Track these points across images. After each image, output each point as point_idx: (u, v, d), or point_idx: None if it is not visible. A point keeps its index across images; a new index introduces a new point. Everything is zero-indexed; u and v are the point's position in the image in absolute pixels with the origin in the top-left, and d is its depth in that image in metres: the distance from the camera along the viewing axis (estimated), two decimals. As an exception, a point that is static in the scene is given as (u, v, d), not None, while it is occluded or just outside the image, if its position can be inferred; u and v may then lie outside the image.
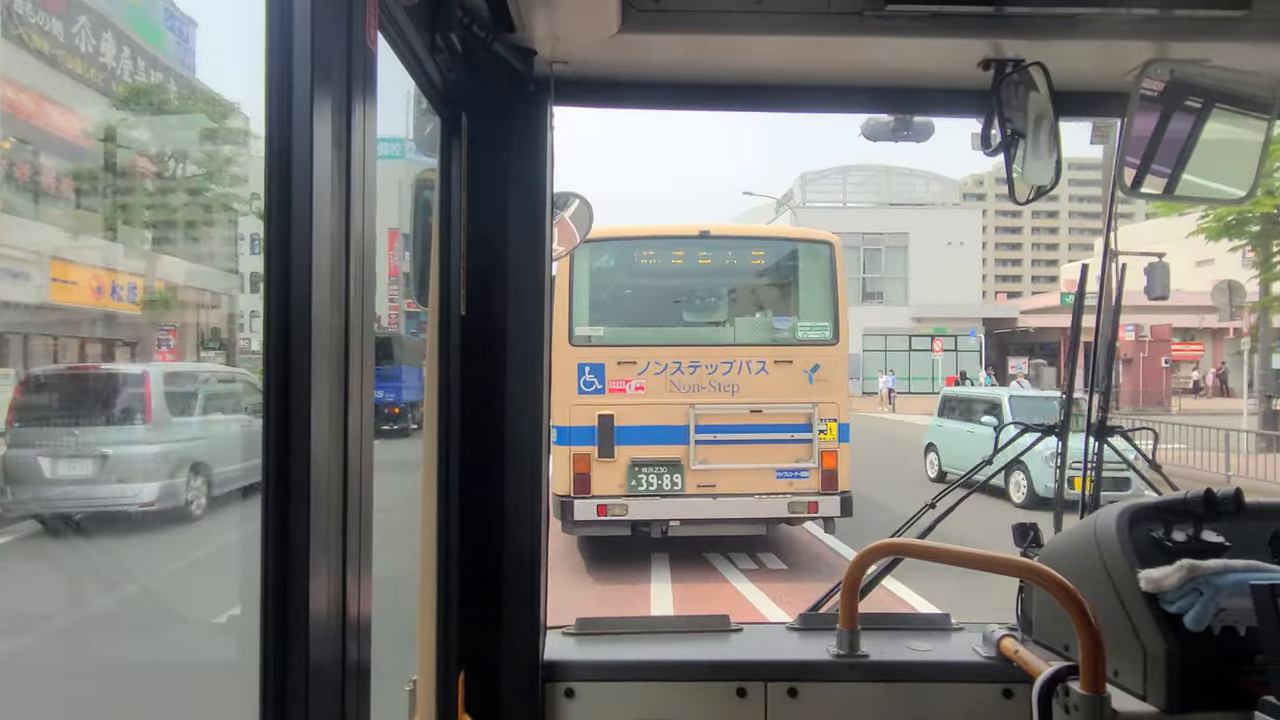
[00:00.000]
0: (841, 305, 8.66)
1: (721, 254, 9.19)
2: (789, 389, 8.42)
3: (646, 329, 8.87)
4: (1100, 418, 2.36)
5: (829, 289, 8.75)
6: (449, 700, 1.68)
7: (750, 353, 8.56)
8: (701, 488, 8.33)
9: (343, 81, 0.94)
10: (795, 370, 8.47)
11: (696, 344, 8.64)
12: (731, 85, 1.94)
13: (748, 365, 8.50)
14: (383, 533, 1.09)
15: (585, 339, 8.45)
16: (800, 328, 8.79)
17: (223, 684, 4.08)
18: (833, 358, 8.58)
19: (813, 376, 8.45)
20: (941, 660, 1.92)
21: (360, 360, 0.98)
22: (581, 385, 8.31)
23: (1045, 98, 1.65)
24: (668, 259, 9.09)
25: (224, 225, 15.68)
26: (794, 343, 8.70)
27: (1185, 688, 1.51)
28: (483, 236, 1.75)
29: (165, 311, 12.91)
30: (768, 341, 8.78)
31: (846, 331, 8.67)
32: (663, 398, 8.37)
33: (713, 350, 8.55)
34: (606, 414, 8.30)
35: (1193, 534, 1.65)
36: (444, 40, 1.43)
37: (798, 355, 8.54)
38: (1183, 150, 1.76)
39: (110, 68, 13.27)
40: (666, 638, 2.06)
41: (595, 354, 8.38)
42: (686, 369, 8.43)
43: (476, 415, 1.76)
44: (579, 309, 8.47)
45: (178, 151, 13.28)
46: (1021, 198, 1.76)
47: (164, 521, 7.23)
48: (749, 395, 8.40)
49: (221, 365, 12.60)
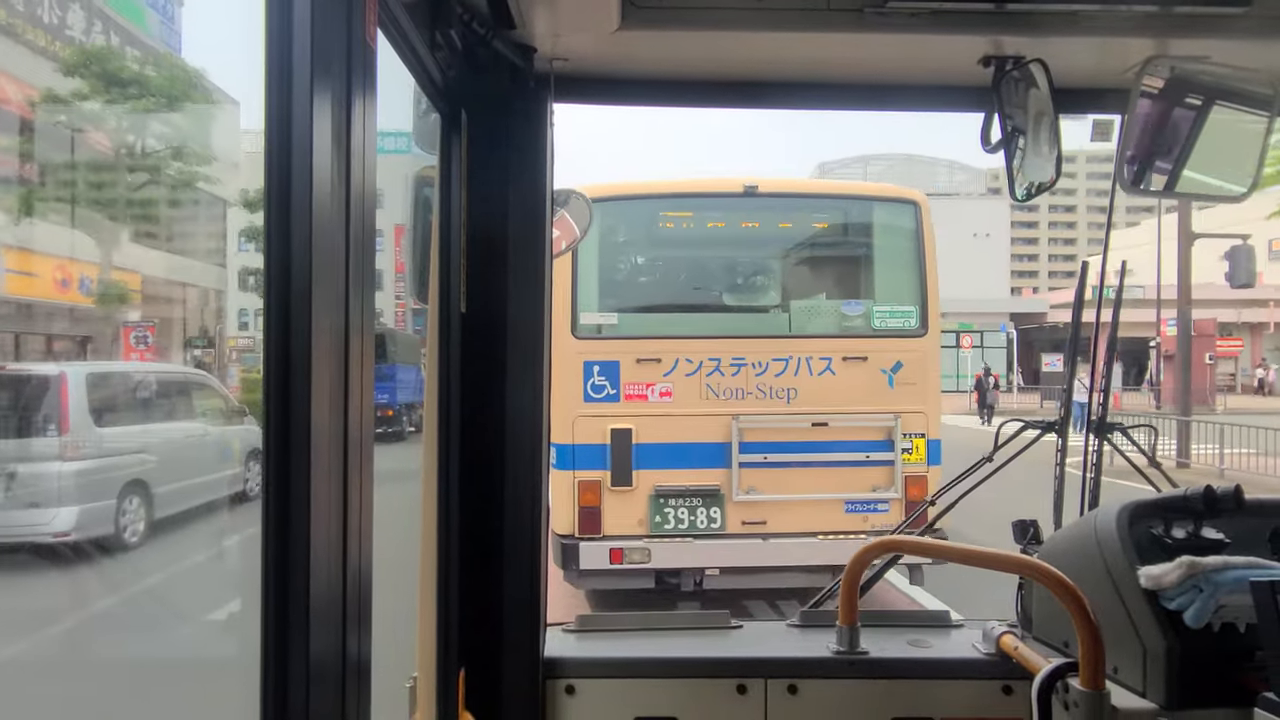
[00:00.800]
0: (932, 285, 6.63)
1: (773, 218, 6.99)
2: (863, 395, 6.46)
3: (675, 316, 6.83)
4: (1100, 414, 2.36)
5: (915, 262, 6.66)
6: (449, 697, 1.68)
7: (812, 346, 6.51)
8: (748, 525, 6.33)
9: (343, 78, 0.94)
10: (871, 370, 6.49)
11: (740, 335, 6.60)
12: (732, 82, 1.95)
13: (808, 363, 6.47)
14: (382, 544, 1.09)
15: (594, 329, 6.46)
16: (877, 314, 6.67)
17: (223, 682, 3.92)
18: (920, 353, 6.57)
19: (894, 378, 6.48)
20: (941, 657, 1.92)
21: (361, 356, 0.99)
22: (589, 390, 6.32)
23: (1045, 94, 1.66)
24: (703, 224, 7.01)
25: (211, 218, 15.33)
26: (869, 334, 6.62)
27: (1185, 684, 1.52)
28: (483, 233, 1.76)
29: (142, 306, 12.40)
30: (834, 332, 6.64)
31: (938, 319, 6.72)
32: (697, 407, 6.38)
33: (762, 344, 6.52)
34: (622, 428, 6.31)
35: (1193, 531, 1.66)
36: (444, 37, 1.44)
37: (874, 350, 6.53)
38: (1184, 147, 1.77)
39: (79, 43, 12.48)
40: (667, 634, 2.07)
41: (607, 349, 6.40)
42: (727, 368, 6.42)
43: (476, 413, 1.77)
44: (585, 290, 6.44)
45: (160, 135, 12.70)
46: (1022, 195, 1.77)
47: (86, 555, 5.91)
48: (810, 403, 6.41)
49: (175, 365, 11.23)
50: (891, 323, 6.68)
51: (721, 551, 6.36)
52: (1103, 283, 2.39)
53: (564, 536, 6.24)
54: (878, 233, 7.05)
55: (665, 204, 6.90)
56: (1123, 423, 2.40)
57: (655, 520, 6.29)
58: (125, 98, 11.63)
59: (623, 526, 6.28)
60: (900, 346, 6.60)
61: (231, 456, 8.01)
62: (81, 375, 6.86)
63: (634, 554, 6.23)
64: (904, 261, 6.79)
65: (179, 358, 13.22)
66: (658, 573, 6.37)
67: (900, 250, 6.85)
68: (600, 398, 6.36)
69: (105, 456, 6.48)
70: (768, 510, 6.39)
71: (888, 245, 6.98)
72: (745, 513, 6.35)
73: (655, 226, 6.99)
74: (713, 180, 7.01)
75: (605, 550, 6.24)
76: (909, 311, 6.69)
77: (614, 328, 6.53)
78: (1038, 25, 1.65)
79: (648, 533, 6.27)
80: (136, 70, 12.29)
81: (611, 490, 6.28)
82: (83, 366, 8.43)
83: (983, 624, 2.00)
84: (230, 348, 15.21)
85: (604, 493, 6.27)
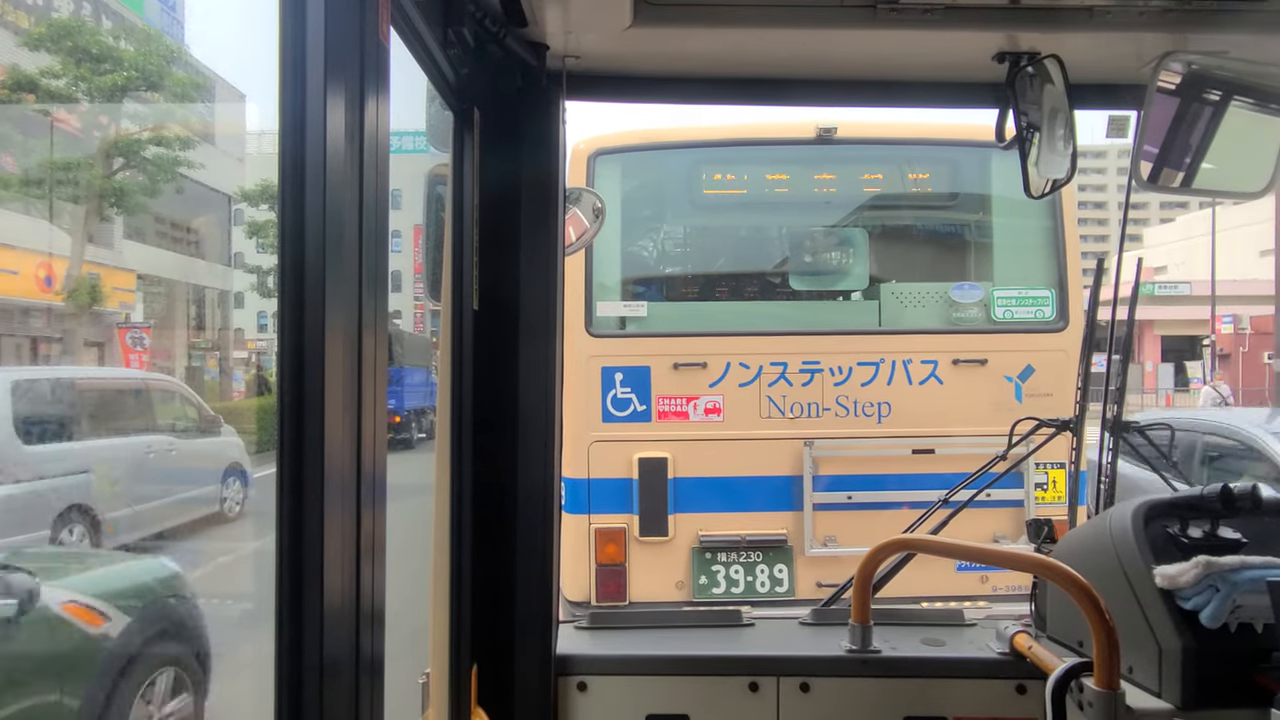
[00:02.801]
0: (1073, 260, 4.94)
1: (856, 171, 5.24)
2: (981, 411, 4.75)
3: (724, 305, 5.13)
4: (1115, 413, 2.35)
5: (1050, 231, 4.98)
6: (462, 693, 1.70)
7: (910, 345, 4.88)
8: (825, 589, 4.39)
9: (356, 77, 0.95)
10: (992, 376, 4.84)
11: (813, 331, 4.98)
12: (744, 79, 1.96)
13: (905, 368, 4.85)
14: (395, 541, 1.09)
15: (616, 324, 4.91)
16: (1000, 301, 4.95)
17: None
18: (1059, 353, 4.80)
19: (1022, 388, 4.82)
20: (954, 656, 1.92)
21: (374, 355, 1.00)
22: (610, 406, 4.77)
23: (1061, 90, 1.66)
24: (761, 183, 5.28)
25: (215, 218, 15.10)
26: (988, 328, 4.92)
27: (1200, 684, 1.51)
28: (495, 230, 1.77)
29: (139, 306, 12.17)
30: (941, 326, 4.97)
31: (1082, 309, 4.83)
32: (755, 428, 4.78)
33: (842, 342, 4.90)
34: (655, 457, 4.72)
35: (1209, 530, 1.65)
36: (456, 35, 1.45)
37: (996, 350, 4.87)
38: (1201, 142, 1.76)
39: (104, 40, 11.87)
40: (679, 632, 2.08)
41: (634, 350, 4.83)
42: (796, 376, 4.81)
43: (489, 410, 1.78)
44: (604, 272, 4.93)
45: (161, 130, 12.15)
46: (1036, 191, 1.76)
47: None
48: (909, 423, 4.80)
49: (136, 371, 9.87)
50: (1020, 312, 4.96)
51: None
52: (1118, 281, 2.37)
53: (576, 604, 4.70)
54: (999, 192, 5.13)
55: (711, 155, 5.14)
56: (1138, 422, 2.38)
57: (700, 582, 4.74)
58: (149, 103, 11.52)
59: (656, 591, 4.74)
60: (1031, 344, 4.89)
61: (204, 472, 7.12)
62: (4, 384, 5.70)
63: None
64: (1035, 230, 5.06)
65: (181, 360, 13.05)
66: None
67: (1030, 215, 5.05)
68: (625, 416, 4.80)
69: (35, 480, 5.38)
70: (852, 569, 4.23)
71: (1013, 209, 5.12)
72: (821, 571, 4.73)
73: (697, 187, 5.24)
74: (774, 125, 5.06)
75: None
76: (1043, 296, 4.96)
77: (642, 321, 4.91)
78: (1053, 21, 1.65)
79: (690, 598, 4.73)
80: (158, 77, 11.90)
81: (640, 541, 4.72)
82: (7, 373, 7.29)
83: (996, 623, 1.99)
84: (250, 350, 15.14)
85: (630, 544, 4.74)
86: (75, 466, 5.63)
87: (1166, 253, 48.13)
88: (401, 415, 16.40)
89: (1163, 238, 51.67)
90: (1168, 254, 47.93)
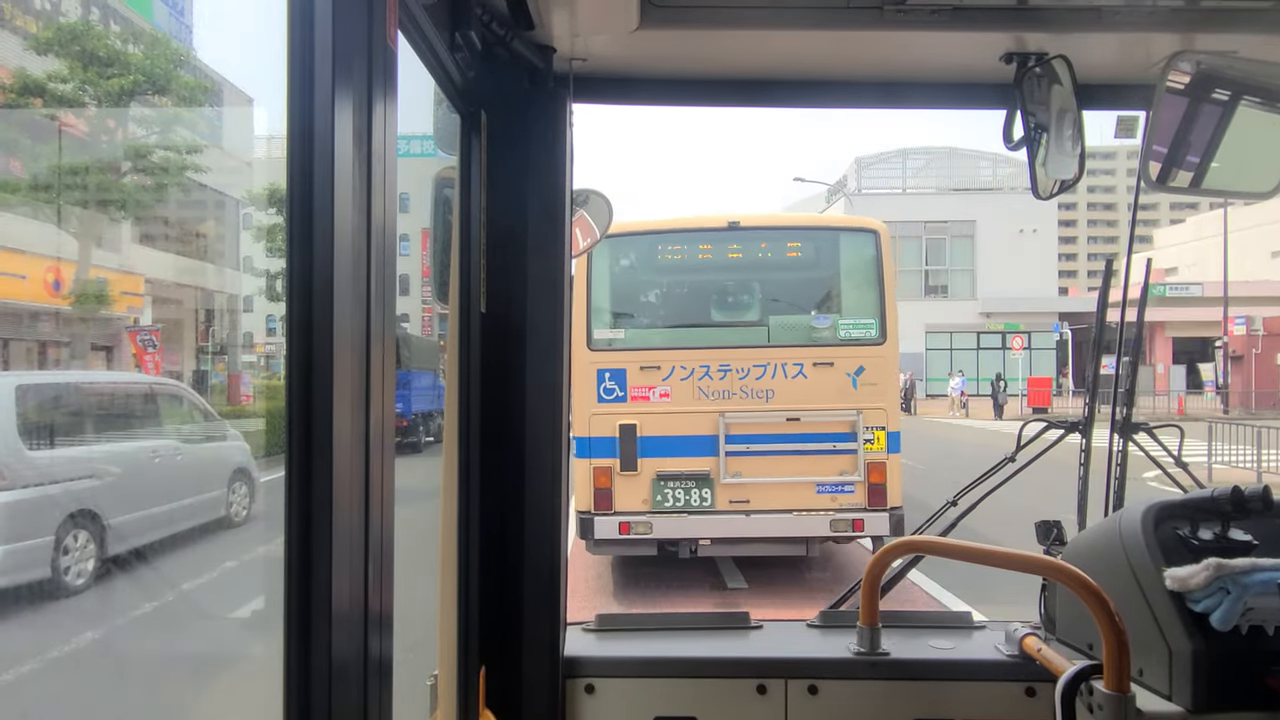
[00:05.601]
0: (889, 300, 7.97)
1: (753, 247, 8.43)
2: (830, 394, 7.77)
3: (671, 331, 8.32)
4: (1124, 414, 2.34)
5: (875, 282, 8.06)
6: (470, 695, 1.70)
7: (787, 354, 7.88)
8: (734, 504, 7.74)
9: (364, 80, 0.95)
10: (837, 373, 7.80)
11: (727, 346, 7.96)
12: (751, 81, 1.96)
13: (784, 368, 7.84)
14: (403, 542, 1.10)
15: (605, 343, 8.01)
16: (842, 326, 8.08)
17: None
18: (880, 359, 7.87)
19: (857, 380, 7.76)
20: (963, 659, 1.92)
21: (382, 357, 1.00)
22: (601, 393, 7.82)
23: (1069, 91, 1.66)
24: (694, 254, 8.44)
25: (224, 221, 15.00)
26: (836, 342, 8.00)
27: (1211, 687, 1.50)
28: (502, 233, 1.78)
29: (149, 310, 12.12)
30: (806, 342, 8.04)
31: (896, 330, 8.02)
32: (690, 405, 7.78)
33: (745, 352, 7.90)
34: (629, 424, 7.75)
35: (1220, 532, 1.64)
36: (463, 38, 1.45)
37: (840, 356, 7.85)
38: (1210, 143, 1.75)
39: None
40: (687, 634, 2.08)
41: (616, 359, 7.88)
42: (716, 374, 7.82)
43: (496, 412, 1.78)
44: (598, 310, 8.02)
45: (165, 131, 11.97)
46: (1044, 192, 1.76)
47: (12, 602, 5.00)
48: (785, 402, 7.77)
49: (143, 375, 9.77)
50: (855, 333, 8.04)
51: (711, 525, 7.82)
52: (1127, 281, 2.36)
53: (582, 512, 7.79)
54: (843, 258, 8.43)
55: (663, 238, 8.43)
56: (1147, 422, 2.37)
57: (657, 499, 7.77)
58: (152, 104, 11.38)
59: (630, 504, 7.74)
60: (862, 353, 7.87)
61: (211, 477, 7.02)
62: (8, 388, 5.82)
63: (639, 527, 7.72)
64: (865, 281, 8.17)
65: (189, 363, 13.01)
66: (659, 542, 7.85)
67: (862, 272, 8.21)
68: (611, 399, 7.82)
69: (40, 485, 5.46)
70: (750, 491, 7.79)
71: (852, 268, 8.34)
72: (732, 493, 7.76)
73: (655, 257, 8.49)
74: (702, 217, 8.52)
75: (615, 523, 7.72)
76: (870, 323, 8.03)
77: (622, 341, 8.10)
78: (1061, 21, 1.65)
79: (651, 509, 7.75)
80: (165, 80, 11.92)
81: (620, 475, 7.76)
82: (11, 377, 7.36)
83: (1005, 625, 1.99)
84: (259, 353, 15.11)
85: (614, 477, 7.76)
86: (80, 472, 5.69)
87: (1177, 254, 47.78)
88: (408, 419, 16.48)
89: (1173, 239, 51.30)
90: (1178, 255, 47.58)
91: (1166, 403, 33.15)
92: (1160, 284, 39.20)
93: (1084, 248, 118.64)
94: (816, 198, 46.57)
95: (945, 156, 46.64)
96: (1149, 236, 56.85)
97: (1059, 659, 1.71)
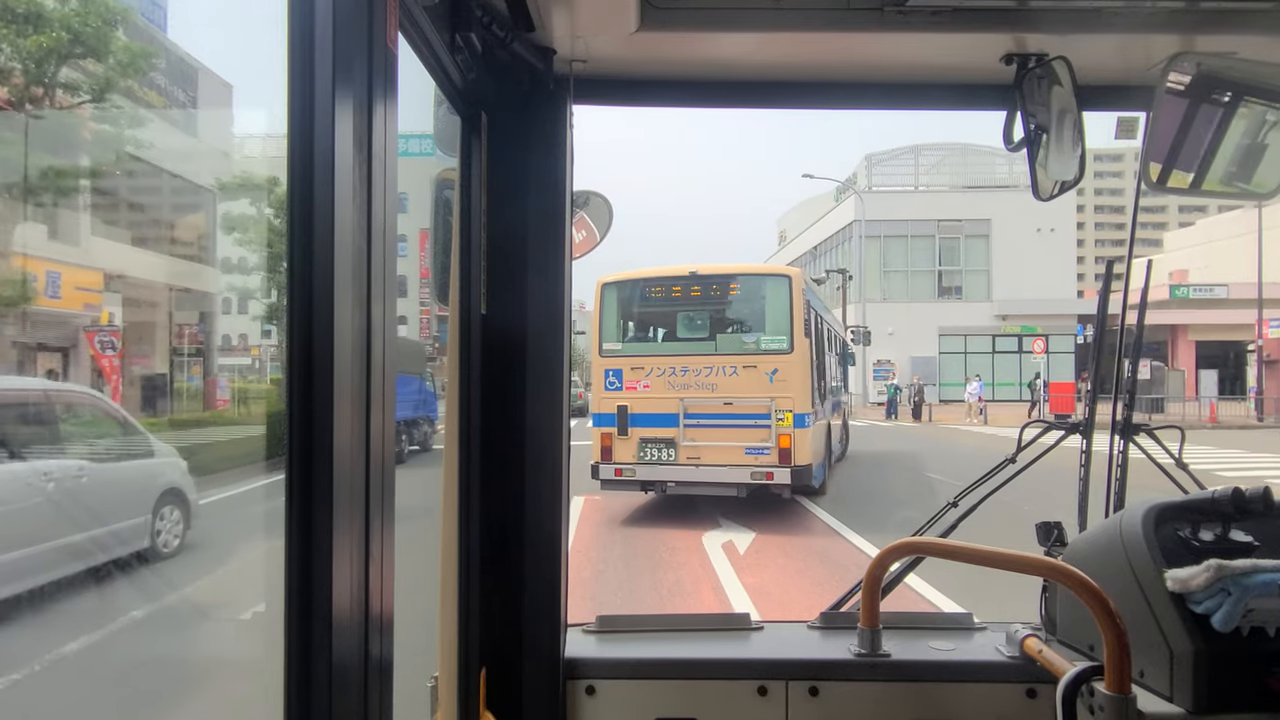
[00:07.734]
0: (797, 324, 11.58)
1: (707, 287, 12.31)
2: (754, 387, 11.41)
3: (651, 343, 12.56)
4: (1125, 416, 2.34)
5: (787, 312, 11.68)
6: (470, 697, 1.70)
7: (726, 360, 11.64)
8: (689, 459, 11.63)
9: (364, 81, 0.96)
10: (759, 373, 11.43)
11: (687, 354, 11.85)
12: (751, 82, 1.97)
13: (724, 369, 11.59)
14: (403, 545, 1.09)
15: (611, 352, 12.14)
16: (764, 341, 11.69)
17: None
18: (789, 363, 11.48)
19: (773, 378, 11.37)
20: (964, 660, 1.92)
21: (383, 359, 1.00)
22: (607, 385, 12.02)
23: (1069, 92, 1.67)
24: (668, 292, 12.38)
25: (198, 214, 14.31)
26: (759, 352, 11.59)
27: (1212, 689, 1.51)
28: (503, 235, 1.79)
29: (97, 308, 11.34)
30: (739, 351, 11.71)
31: (803, 344, 11.59)
32: (663, 393, 11.74)
33: (698, 359, 11.74)
34: (623, 404, 11.87)
35: (1221, 533, 1.65)
36: (464, 40, 1.46)
37: (761, 362, 11.49)
38: (1210, 144, 1.75)
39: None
40: (687, 636, 2.08)
41: (616, 362, 12.02)
42: (679, 373, 11.72)
43: (497, 413, 1.79)
44: (606, 331, 12.26)
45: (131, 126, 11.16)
46: (1045, 194, 1.77)
47: None
48: (724, 392, 11.54)
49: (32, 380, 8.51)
50: (771, 346, 11.61)
51: (675, 472, 11.74)
52: (1127, 283, 2.36)
53: (594, 463, 11.98)
54: (767, 295, 12.12)
55: (646, 283, 12.47)
56: (1149, 423, 2.37)
57: (640, 454, 11.79)
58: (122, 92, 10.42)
59: (623, 457, 11.87)
60: (777, 360, 11.48)
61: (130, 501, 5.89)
62: None
63: (628, 472, 11.85)
64: (781, 311, 11.76)
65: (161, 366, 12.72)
66: (642, 483, 11.94)
67: (779, 304, 11.82)
68: (613, 388, 12.02)
69: None
70: (700, 451, 11.61)
71: (772, 301, 11.99)
72: (688, 452, 11.64)
73: (642, 295, 12.56)
74: (671, 268, 12.46)
75: (613, 469, 11.91)
76: (782, 339, 11.60)
77: (620, 351, 12.18)
78: (1061, 23, 1.66)
79: (636, 461, 11.80)
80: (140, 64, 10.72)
81: (618, 438, 11.89)
82: None
83: (1006, 627, 1.99)
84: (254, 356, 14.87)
85: (614, 439, 11.90)
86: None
87: (1187, 256, 47.39)
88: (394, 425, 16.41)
89: (1183, 242, 50.90)
90: (1189, 258, 47.23)
91: (1198, 409, 31.63)
92: (1183, 285, 38.41)
93: (1091, 250, 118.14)
94: (825, 195, 45.74)
95: (959, 153, 45.64)
96: (1159, 240, 56.17)
97: (1060, 660, 1.72)
